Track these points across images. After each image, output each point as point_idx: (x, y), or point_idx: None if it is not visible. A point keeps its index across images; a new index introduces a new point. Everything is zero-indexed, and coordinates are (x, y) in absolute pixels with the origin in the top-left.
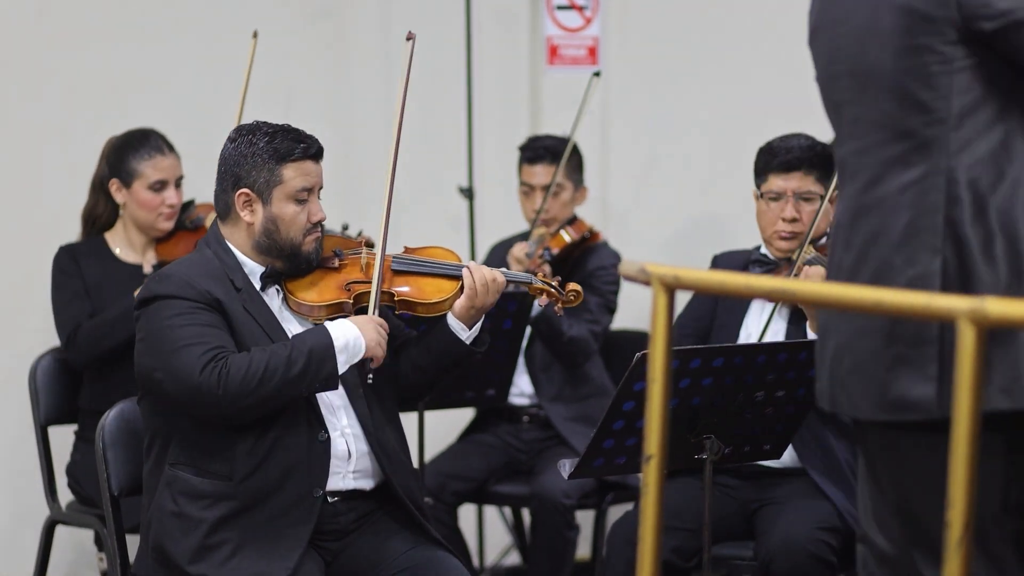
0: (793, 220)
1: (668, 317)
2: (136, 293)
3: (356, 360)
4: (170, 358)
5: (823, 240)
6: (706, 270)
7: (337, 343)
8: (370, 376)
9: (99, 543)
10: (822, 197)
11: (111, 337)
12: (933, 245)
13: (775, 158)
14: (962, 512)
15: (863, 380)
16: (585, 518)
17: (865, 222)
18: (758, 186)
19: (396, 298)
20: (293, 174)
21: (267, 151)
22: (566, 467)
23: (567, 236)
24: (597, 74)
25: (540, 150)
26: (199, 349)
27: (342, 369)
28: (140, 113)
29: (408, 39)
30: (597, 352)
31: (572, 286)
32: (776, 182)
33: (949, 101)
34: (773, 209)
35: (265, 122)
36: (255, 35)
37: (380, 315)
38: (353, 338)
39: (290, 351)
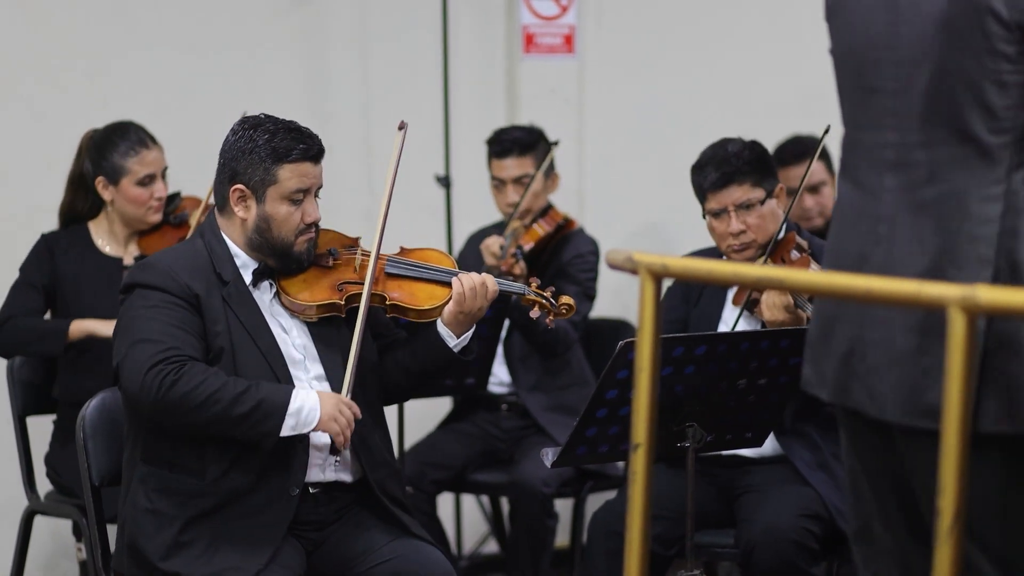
0: (741, 232)
1: (655, 305)
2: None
3: (305, 431)
4: (129, 349)
5: (781, 234)
6: (693, 259)
7: (291, 406)
8: (336, 460)
9: (77, 533)
10: (765, 198)
11: (30, 347)
12: (987, 256)
13: (706, 178)
14: (953, 501)
15: (892, 381)
16: (564, 506)
17: (910, 222)
18: (701, 204)
19: (388, 302)
20: (289, 175)
21: (266, 149)
22: (549, 455)
23: (540, 230)
24: (555, 143)
25: (508, 143)
26: (154, 348)
27: (285, 433)
28: (119, 102)
29: (400, 128)
30: (577, 341)
31: (565, 299)
32: (713, 199)
33: (1019, 111)
34: (719, 226)
35: (271, 117)
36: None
37: (369, 315)
38: (309, 408)
39: (243, 391)
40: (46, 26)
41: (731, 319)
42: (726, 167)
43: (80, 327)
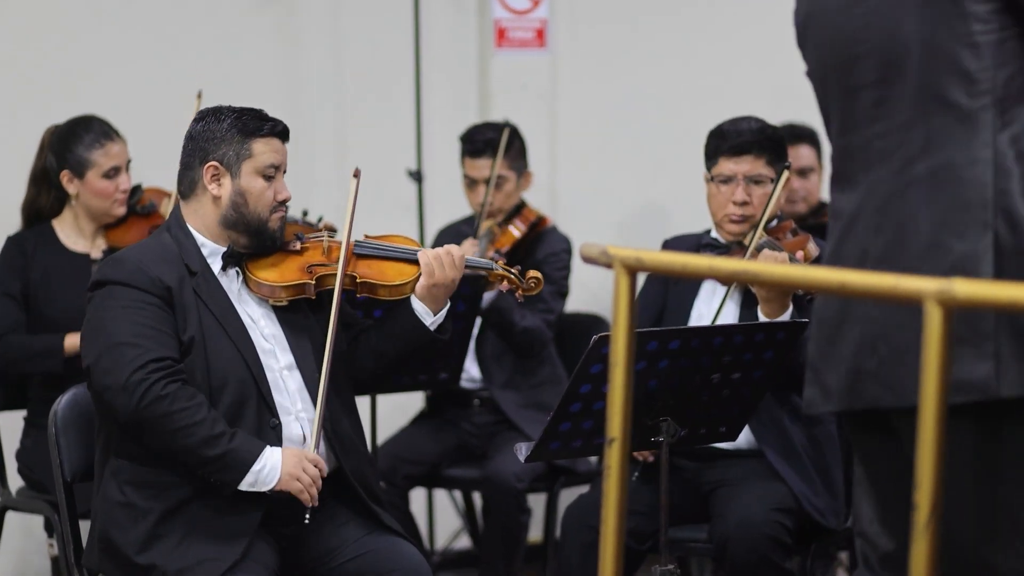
0: (744, 203)
1: (630, 300)
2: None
3: (264, 487)
4: (105, 351)
5: (774, 223)
6: (668, 252)
7: (256, 465)
8: (307, 517)
9: (49, 529)
10: (773, 180)
11: (27, 366)
12: (983, 220)
13: (725, 141)
14: (929, 494)
15: (911, 366)
16: (537, 501)
17: (903, 202)
18: (708, 169)
19: (358, 280)
20: (263, 148)
21: (236, 126)
22: (522, 450)
23: (516, 231)
24: (508, 125)
25: (481, 143)
26: (135, 351)
27: (243, 487)
28: (91, 99)
29: (355, 176)
30: (552, 341)
31: (532, 273)
32: (727, 165)
33: (995, 71)
34: (724, 192)
35: (229, 105)
36: (199, 95)
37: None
38: (270, 468)
39: (218, 434)
40: (17, 22)
41: (708, 295)
42: (748, 136)
43: (73, 342)
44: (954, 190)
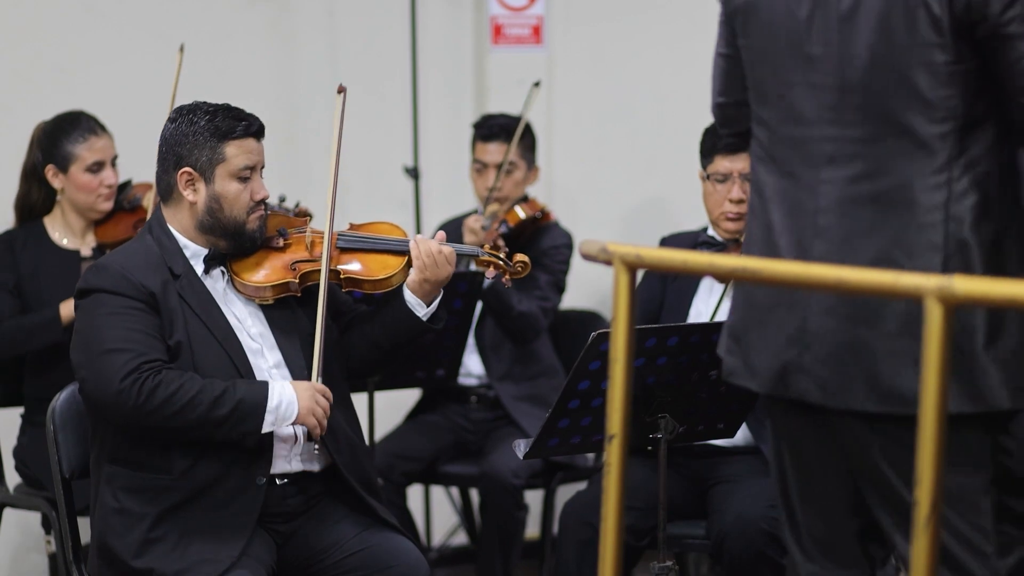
0: (740, 201)
1: (630, 296)
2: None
3: (285, 423)
4: (95, 360)
5: None
6: (667, 249)
7: (270, 402)
8: (316, 447)
9: (46, 525)
10: None
11: (27, 344)
12: (934, 242)
13: (721, 139)
14: (930, 491)
15: (849, 369)
16: (534, 498)
17: (857, 213)
18: (704, 167)
19: (342, 276)
20: (235, 152)
21: (208, 129)
22: (521, 447)
23: (522, 212)
24: (537, 84)
25: (495, 128)
26: (125, 356)
27: (266, 429)
28: (86, 93)
29: (339, 92)
30: (546, 329)
31: (519, 257)
32: (723, 163)
33: (958, 101)
34: (720, 190)
35: (205, 102)
36: (181, 48)
37: (328, 292)
38: (287, 401)
39: (222, 392)
40: (11, 18)
41: (706, 293)
42: (745, 134)
43: (69, 309)
44: (908, 211)
